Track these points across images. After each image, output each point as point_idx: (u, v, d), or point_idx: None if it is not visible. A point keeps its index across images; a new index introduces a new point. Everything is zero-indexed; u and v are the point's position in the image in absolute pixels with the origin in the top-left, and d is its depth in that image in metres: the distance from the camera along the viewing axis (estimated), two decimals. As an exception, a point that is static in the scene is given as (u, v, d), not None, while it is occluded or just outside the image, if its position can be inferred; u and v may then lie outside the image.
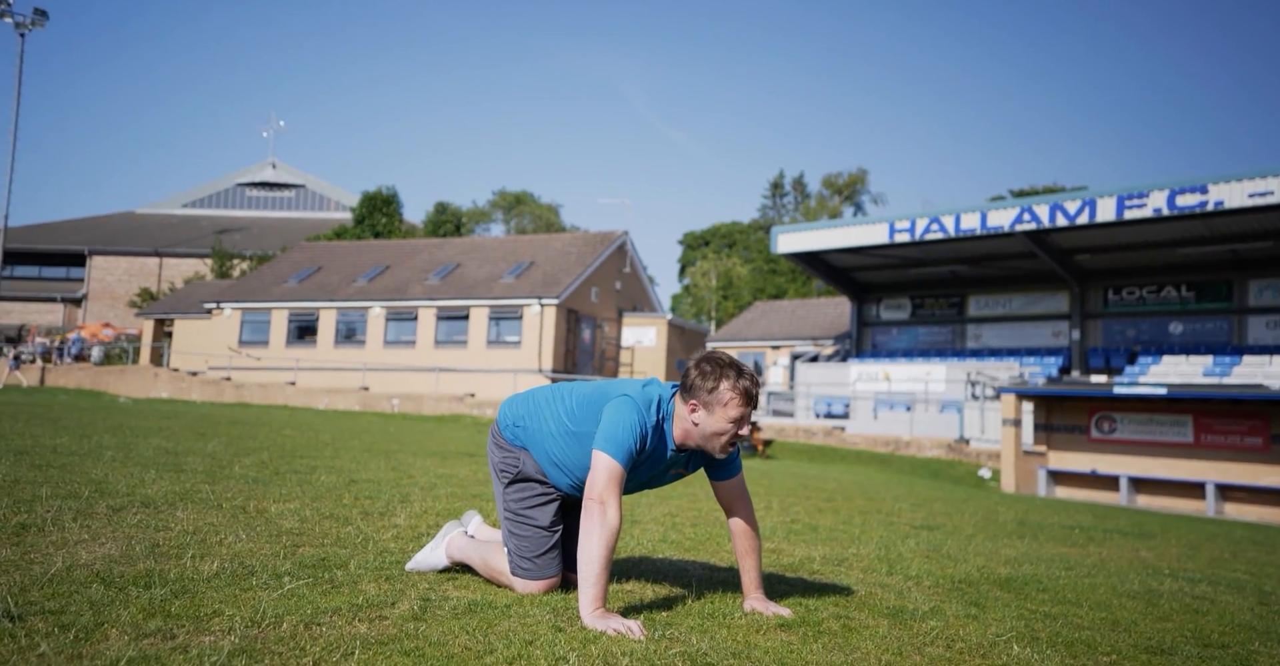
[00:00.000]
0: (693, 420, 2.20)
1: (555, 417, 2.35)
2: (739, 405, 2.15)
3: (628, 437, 2.14)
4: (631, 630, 1.88)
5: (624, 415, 2.17)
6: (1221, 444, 13.04)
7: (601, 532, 2.04)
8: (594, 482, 2.12)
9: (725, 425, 2.17)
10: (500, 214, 57.74)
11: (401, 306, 24.78)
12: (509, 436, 2.43)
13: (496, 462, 2.46)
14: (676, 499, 5.10)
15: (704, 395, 2.16)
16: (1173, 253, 19.79)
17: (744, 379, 2.17)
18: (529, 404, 2.44)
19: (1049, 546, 4.51)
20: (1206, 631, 2.47)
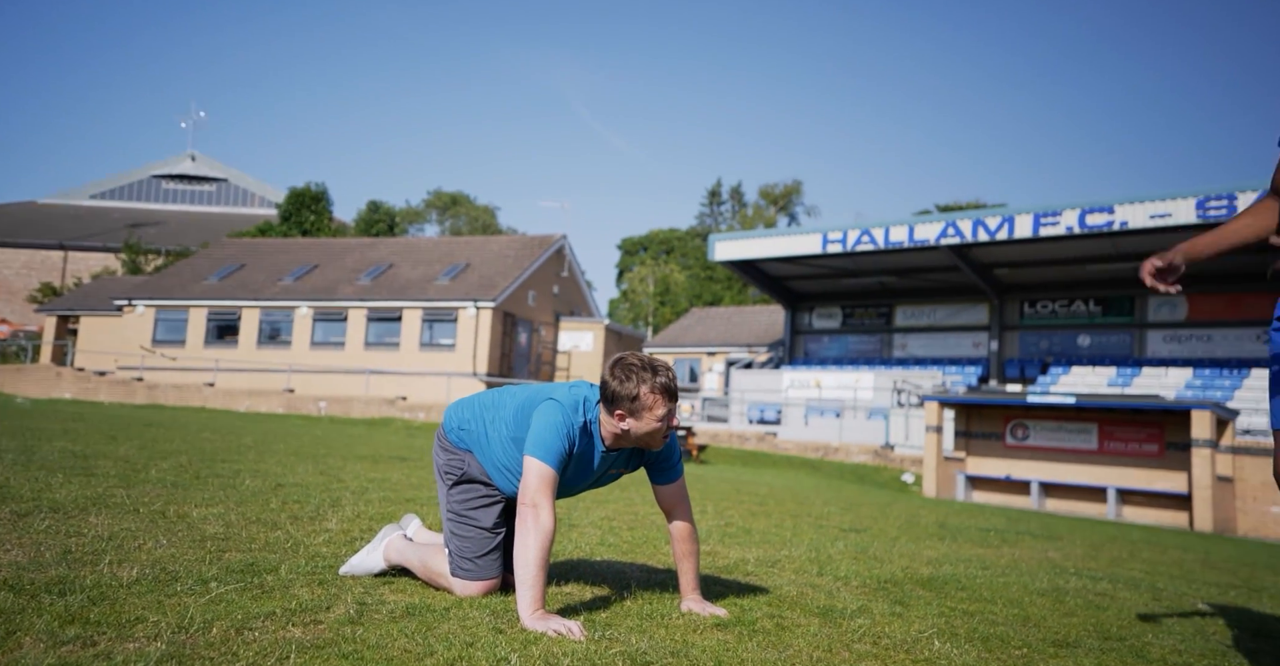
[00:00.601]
0: (623, 427, 2.25)
1: (496, 422, 2.37)
2: (661, 403, 2.21)
3: (555, 440, 2.18)
4: (572, 631, 1.91)
5: (549, 418, 2.21)
6: (1122, 451, 13.83)
7: (537, 535, 2.07)
8: (526, 487, 2.14)
9: (655, 425, 2.23)
10: (435, 214, 56.77)
11: (330, 307, 24.10)
12: (454, 439, 2.45)
13: (441, 465, 2.46)
14: (613, 502, 5.13)
15: (627, 403, 2.20)
16: (1082, 269, 20.92)
17: (660, 377, 2.21)
18: (473, 408, 2.46)
19: (967, 548, 4.72)
20: (1107, 625, 2.64)
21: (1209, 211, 16.66)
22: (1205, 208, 16.72)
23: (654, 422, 2.22)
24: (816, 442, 17.45)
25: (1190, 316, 20.52)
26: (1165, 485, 13.19)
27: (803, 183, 55.32)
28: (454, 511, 2.37)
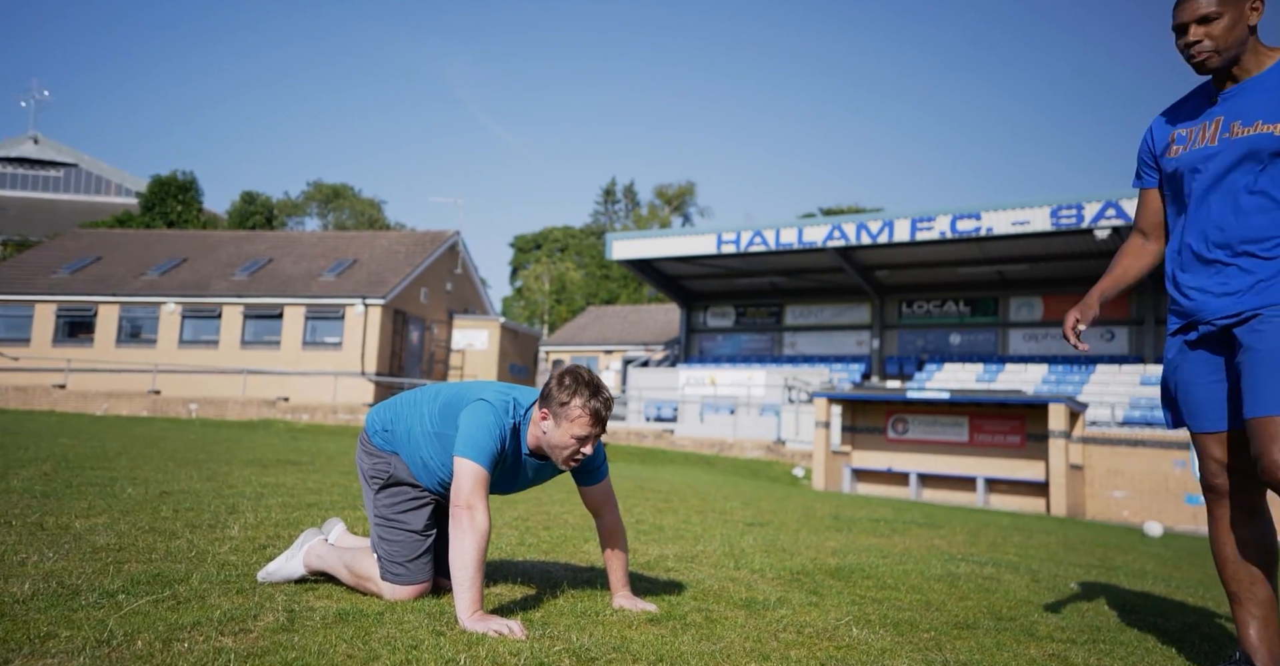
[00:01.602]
0: (542, 428, 2.27)
1: (420, 419, 2.34)
2: (586, 424, 2.21)
3: (487, 441, 2.17)
4: (513, 630, 1.91)
5: (482, 418, 2.20)
6: (989, 442, 14.95)
7: (472, 537, 2.06)
8: (459, 489, 2.13)
9: (568, 440, 2.22)
10: (316, 207, 54.08)
11: (201, 303, 22.57)
12: (379, 442, 2.40)
13: (366, 469, 2.40)
14: (524, 503, 5.11)
15: (556, 406, 2.21)
16: (953, 271, 22.44)
17: (597, 400, 2.22)
18: (395, 409, 2.42)
19: (862, 538, 4.99)
20: (998, 607, 2.88)
21: (1061, 220, 18.25)
22: (1058, 216, 18.30)
23: (568, 437, 2.22)
24: (712, 439, 17.89)
25: (1045, 317, 22.40)
26: (1026, 474, 14.35)
27: (696, 184, 56.51)
28: (383, 516, 2.32)
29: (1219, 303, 2.03)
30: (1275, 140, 1.96)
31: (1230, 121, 2.03)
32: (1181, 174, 2.11)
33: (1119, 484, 14.75)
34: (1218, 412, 2.06)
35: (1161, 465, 14.55)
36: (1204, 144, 2.07)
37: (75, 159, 42.47)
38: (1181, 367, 2.12)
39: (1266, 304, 1.95)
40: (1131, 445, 14.84)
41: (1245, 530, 2.07)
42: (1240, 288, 1.99)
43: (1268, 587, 2.06)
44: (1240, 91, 2.04)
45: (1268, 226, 1.97)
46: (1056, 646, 2.32)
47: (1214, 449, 2.07)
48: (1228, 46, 2.00)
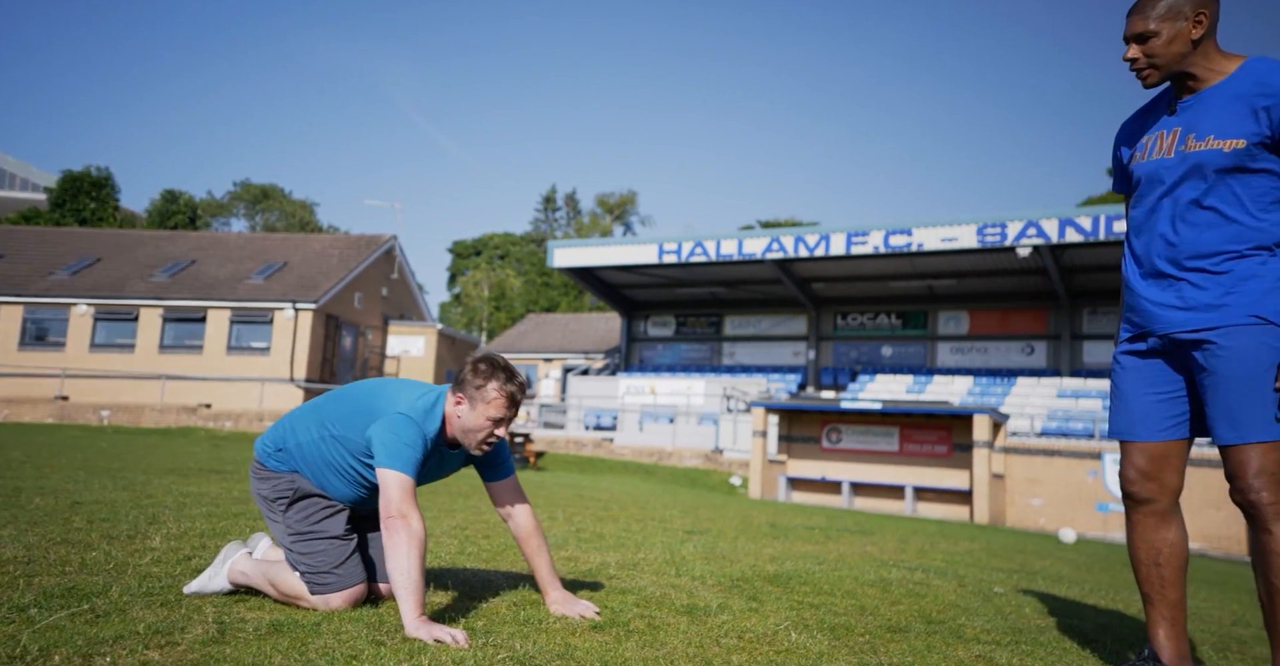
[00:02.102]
0: (456, 413, 2.29)
1: (319, 426, 2.31)
2: (501, 407, 2.24)
3: (409, 452, 2.17)
4: (456, 638, 1.89)
5: (403, 431, 2.19)
6: (918, 452, 15.43)
7: (409, 543, 2.05)
8: (389, 500, 2.12)
9: (483, 422, 2.25)
10: (243, 208, 52.26)
11: (116, 305, 21.50)
12: (274, 465, 2.35)
13: (268, 493, 2.33)
14: (461, 511, 5.03)
15: (471, 390, 2.24)
16: (886, 285, 23.14)
17: (512, 384, 2.26)
18: (285, 426, 2.38)
19: (798, 545, 5.08)
20: (928, 611, 2.97)
21: (987, 237, 19.04)
22: (984, 234, 19.08)
23: (483, 420, 2.25)
24: (651, 448, 17.94)
25: (971, 330, 23.29)
26: (952, 482, 14.85)
27: (638, 193, 56.83)
28: (297, 532, 2.26)
29: (1174, 316, 2.03)
30: (1224, 157, 1.96)
31: (1186, 134, 2.03)
32: (1140, 182, 2.12)
33: (1037, 492, 15.40)
34: (1151, 424, 2.09)
35: (1075, 474, 15.25)
36: (1161, 155, 2.08)
37: (-23, 150, 39.99)
38: (1125, 376, 2.15)
39: (1224, 323, 1.95)
40: (1048, 455, 15.51)
41: (1158, 535, 2.14)
42: (1195, 304, 1.99)
43: (1178, 590, 2.14)
44: (1196, 102, 2.04)
45: (1217, 242, 1.97)
46: (983, 647, 2.41)
47: (1138, 458, 2.12)
48: (1167, 63, 2.01)
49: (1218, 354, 1.94)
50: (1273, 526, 1.90)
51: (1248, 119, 1.95)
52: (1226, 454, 1.95)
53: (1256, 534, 1.94)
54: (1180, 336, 2.02)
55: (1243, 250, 1.97)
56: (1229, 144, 1.96)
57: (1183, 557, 2.15)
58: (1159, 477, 2.10)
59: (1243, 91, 1.98)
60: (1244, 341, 1.92)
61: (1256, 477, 1.89)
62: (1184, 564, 2.15)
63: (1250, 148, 1.95)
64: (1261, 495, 1.89)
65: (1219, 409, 1.94)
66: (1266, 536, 1.91)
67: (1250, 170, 1.96)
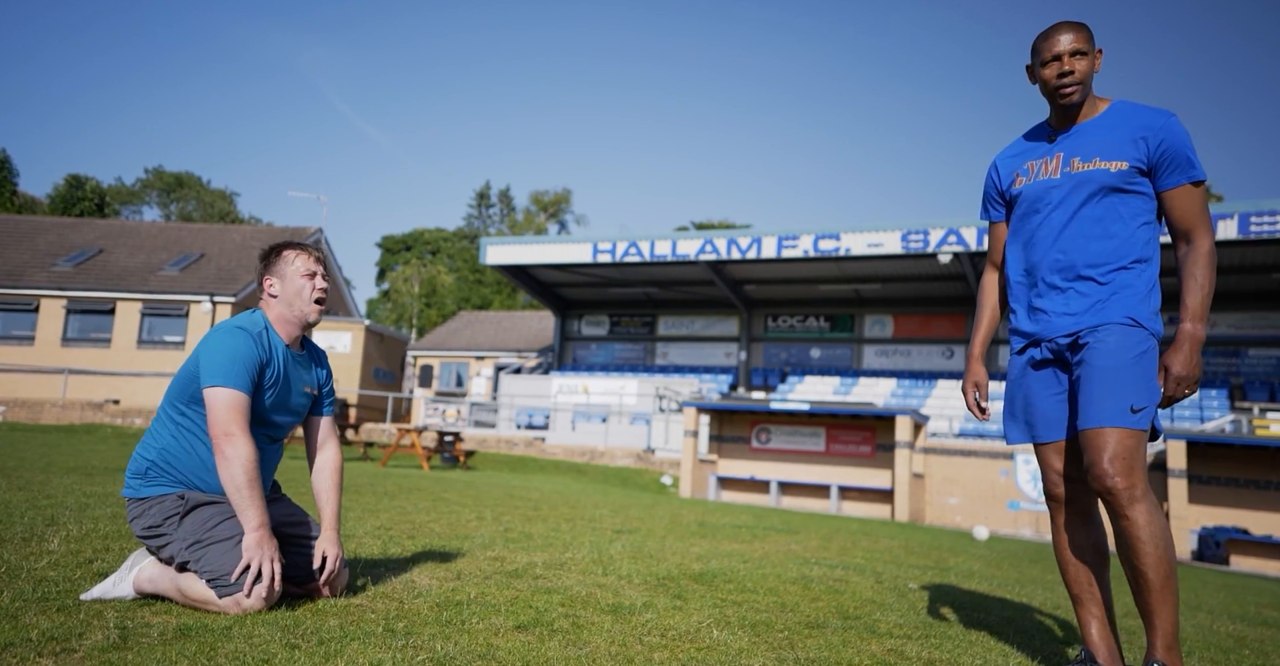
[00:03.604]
0: (271, 294, 2.35)
1: (169, 418, 2.28)
2: (304, 260, 2.39)
3: (235, 361, 2.17)
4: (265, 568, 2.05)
5: (220, 342, 2.20)
6: (843, 452, 15.86)
7: (235, 462, 2.11)
8: (213, 419, 2.13)
9: (301, 281, 2.34)
10: (156, 196, 49.84)
11: (14, 295, 20.25)
12: (150, 491, 2.26)
13: (155, 519, 2.23)
14: (386, 512, 4.93)
15: (274, 267, 2.36)
16: (815, 288, 23.70)
17: (302, 245, 2.41)
18: (141, 448, 2.32)
19: (725, 544, 5.17)
20: (845, 607, 3.08)
21: (910, 244, 19.71)
22: (908, 240, 19.76)
23: (299, 279, 2.34)
24: (583, 447, 17.91)
25: (895, 334, 24.08)
26: (875, 482, 15.33)
27: (572, 191, 56.63)
28: (196, 541, 2.17)
29: (1060, 322, 2.18)
30: (1110, 176, 2.14)
31: (1070, 157, 2.20)
32: (1027, 202, 2.28)
33: (953, 491, 16.03)
34: (1057, 425, 2.22)
35: (989, 474, 15.94)
36: (1047, 176, 2.24)
37: None
38: (1024, 383, 2.28)
39: (1100, 322, 2.12)
40: (965, 455, 16.17)
41: (1081, 534, 2.22)
42: (1079, 309, 2.15)
43: (1105, 589, 2.22)
44: (1078, 132, 2.22)
45: (1104, 253, 2.15)
46: (895, 642, 2.51)
47: (1054, 459, 2.23)
48: (1086, 86, 2.19)
49: (1093, 346, 2.10)
50: (1128, 511, 1.97)
51: (1129, 145, 2.15)
52: (1084, 439, 2.07)
53: (1116, 520, 2.03)
54: (1065, 339, 2.18)
55: (1125, 263, 2.15)
56: (1115, 165, 2.15)
57: (1106, 555, 2.24)
58: (1076, 476, 2.21)
59: (1119, 124, 2.18)
60: (1115, 338, 2.09)
61: (1110, 463, 1.98)
62: (1107, 561, 2.24)
63: (1131, 170, 2.14)
64: (1116, 481, 1.97)
65: (1084, 397, 2.07)
66: (1125, 522, 1.98)
67: (1128, 191, 2.16)
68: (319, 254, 2.41)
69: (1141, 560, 1.98)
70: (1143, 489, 2.00)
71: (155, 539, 2.23)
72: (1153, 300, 2.15)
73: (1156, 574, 1.98)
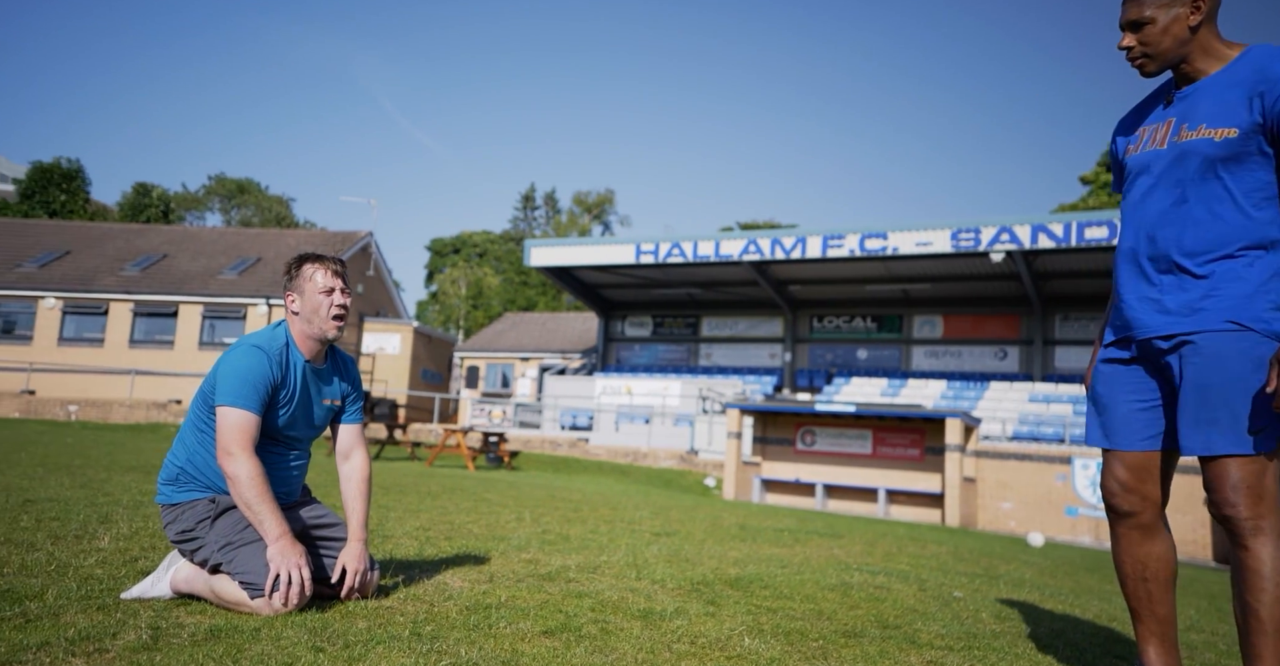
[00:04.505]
0: (293, 310, 2.36)
1: (194, 428, 2.32)
2: (324, 276, 2.36)
3: (246, 382, 2.21)
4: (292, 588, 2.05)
5: (236, 362, 2.23)
6: (891, 455, 15.55)
7: (237, 479, 2.16)
8: (219, 439, 2.18)
9: (319, 297, 2.34)
10: (219, 202, 51.54)
11: (85, 299, 21.14)
12: (182, 497, 2.31)
13: (188, 523, 2.27)
14: (427, 512, 4.98)
15: (294, 283, 2.37)
16: (861, 288, 23.30)
17: (324, 259, 2.40)
18: (171, 455, 2.38)
19: (765, 548, 5.09)
20: (885, 615, 2.98)
21: (961, 242, 19.24)
22: (958, 239, 19.28)
23: (317, 295, 2.34)
24: (627, 448, 17.92)
25: (945, 335, 23.53)
26: (924, 485, 14.98)
27: (615, 192, 56.81)
28: (228, 543, 2.21)
29: (1151, 321, 1.92)
30: (1214, 146, 1.83)
31: (1180, 124, 1.91)
32: (1132, 175, 2.01)
33: (1007, 496, 15.58)
34: (1130, 433, 2.00)
35: (1045, 478, 15.45)
36: (1154, 147, 1.96)
37: (-56, 138, 39.06)
38: (1105, 382, 2.06)
39: (1198, 328, 1.84)
40: (1019, 459, 15.70)
41: (1145, 549, 2.03)
42: (1174, 308, 1.88)
43: (1167, 606, 2.04)
44: (1193, 92, 1.92)
45: (1204, 239, 1.86)
46: (935, 653, 2.42)
47: (1119, 468, 2.02)
48: (1162, 51, 1.91)
49: (1193, 359, 1.83)
50: (1249, 542, 1.81)
51: (1242, 107, 1.83)
52: (1203, 465, 1.87)
53: (1234, 549, 1.85)
54: (1156, 342, 1.92)
55: (1231, 250, 1.85)
56: (1220, 133, 1.84)
57: (1170, 572, 2.05)
58: (1140, 489, 2.01)
59: (1241, 79, 1.85)
60: (1218, 348, 1.81)
61: (1233, 491, 1.81)
62: (1172, 578, 2.06)
63: (1244, 137, 1.82)
64: (1238, 509, 1.81)
65: (1191, 419, 1.84)
66: (1243, 552, 1.82)
67: (1243, 162, 1.83)
68: (339, 267, 2.40)
69: (1257, 597, 1.79)
70: (1272, 521, 1.80)
71: (188, 543, 2.27)
72: (1272, 293, 1.81)
73: (1272, 615, 1.77)
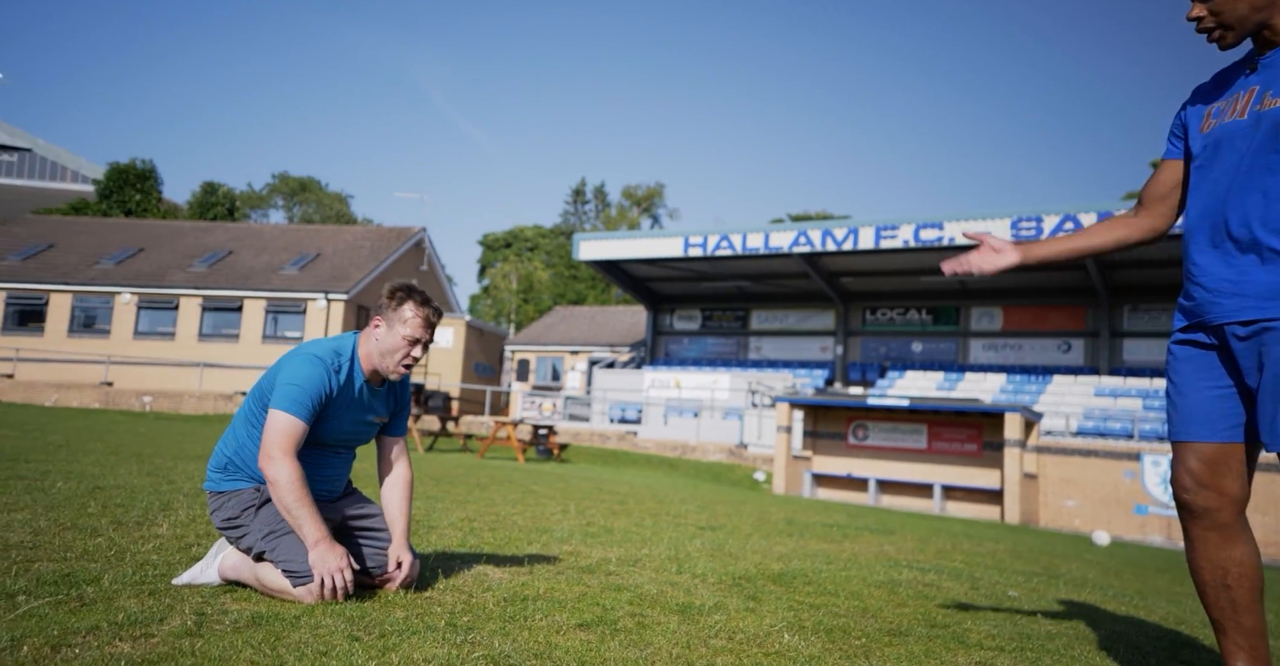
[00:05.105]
0: (375, 336, 2.37)
1: (246, 420, 2.37)
2: (417, 326, 2.33)
3: (303, 391, 2.24)
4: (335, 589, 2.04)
5: (298, 370, 2.26)
6: (947, 450, 15.17)
7: (277, 483, 2.17)
8: (264, 441, 2.20)
9: (400, 342, 2.33)
10: (281, 200, 53.22)
11: (158, 294, 22.07)
12: (229, 486, 2.37)
13: (233, 511, 2.33)
14: (474, 503, 5.04)
15: (389, 312, 2.35)
16: (916, 280, 22.76)
17: (427, 307, 2.37)
18: (222, 444, 2.43)
19: (812, 543, 5.01)
20: (934, 614, 2.89)
21: (1020, 231, 18.60)
22: (1018, 227, 18.65)
23: (399, 339, 2.34)
24: (675, 442, 17.89)
25: (1005, 327, 22.82)
26: (982, 481, 14.58)
27: (665, 185, 56.69)
28: (271, 531, 2.26)
29: (1226, 304, 1.78)
30: None
31: (1263, 92, 1.77)
32: (1211, 147, 1.86)
33: (1071, 493, 15.06)
34: (1206, 423, 1.84)
35: (1112, 475, 14.88)
36: (1234, 117, 1.83)
37: (29, 143, 41.17)
38: (1179, 369, 1.91)
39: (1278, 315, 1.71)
40: (1084, 455, 15.15)
41: (1224, 553, 1.82)
42: (1251, 291, 1.74)
43: (1255, 616, 1.81)
44: (1277, 57, 1.79)
45: None
46: (985, 653, 2.33)
47: (1192, 461, 1.85)
48: (1238, 18, 1.78)
49: (1274, 349, 1.69)
50: None
51: None
52: None
53: None
54: (1234, 328, 1.78)
55: None
56: None
57: (1255, 578, 1.84)
58: (1217, 485, 1.82)
59: None
60: None
61: None
62: (1258, 585, 1.84)
63: None
64: None
65: (1272, 412, 1.69)
66: None
67: None
68: (435, 319, 2.38)
69: None
70: None
71: (233, 530, 2.33)
72: None
73: None
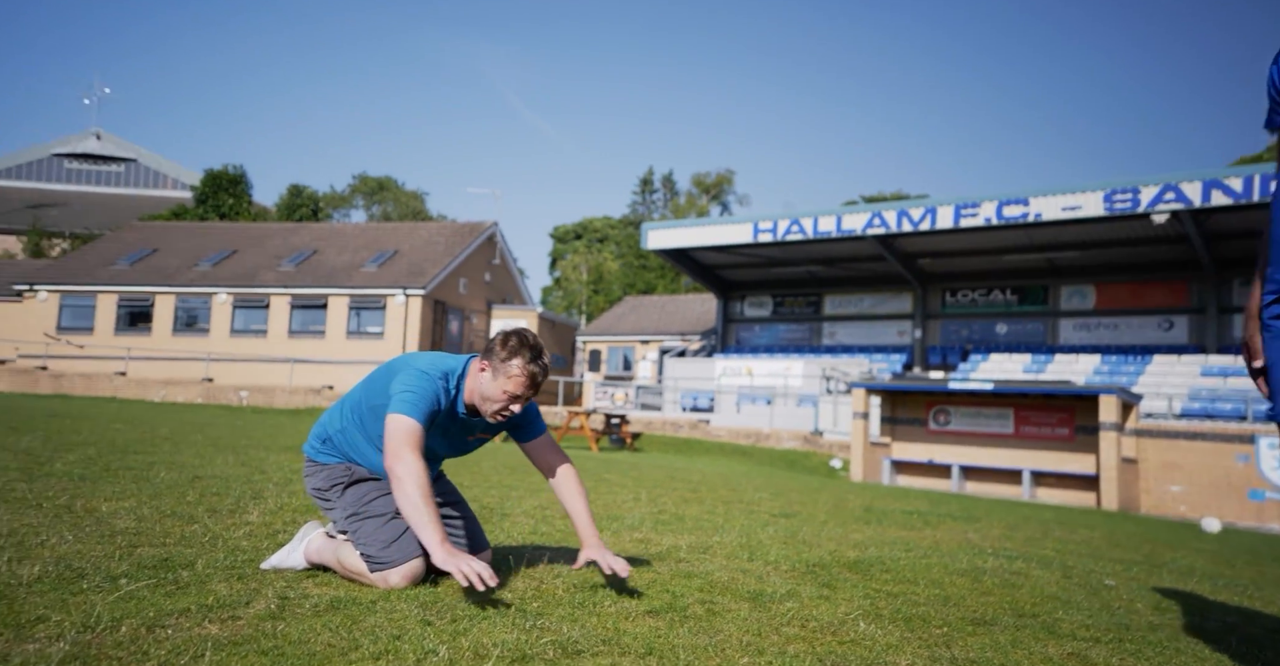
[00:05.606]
0: (479, 380, 2.36)
1: (354, 407, 2.43)
2: (521, 384, 2.31)
3: (420, 401, 2.26)
4: (481, 576, 1.97)
5: (415, 380, 2.29)
6: (1036, 434, 14.53)
7: (407, 480, 2.14)
8: (388, 442, 2.22)
9: (500, 394, 2.31)
10: (361, 199, 55.10)
11: (251, 293, 23.20)
12: (324, 458, 2.47)
13: (322, 484, 2.44)
14: (547, 492, 5.11)
15: (497, 362, 2.32)
16: (999, 259, 21.81)
17: (535, 364, 2.32)
18: (326, 419, 2.51)
19: (891, 530, 4.87)
20: (1021, 603, 2.76)
21: (1115, 204, 17.57)
22: (1112, 200, 17.62)
23: (500, 392, 2.31)
24: (748, 429, 17.74)
25: (1098, 305, 21.66)
26: (1075, 467, 13.91)
27: (735, 172, 56.01)
28: (354, 513, 2.34)
29: None
30: None
31: None
32: None
33: (1176, 478, 14.22)
34: None
35: (1223, 459, 13.97)
36: None
37: (134, 154, 43.89)
38: (1274, 344, 1.83)
39: None
40: (1190, 438, 14.27)
41: None
42: None
43: None
44: None
45: None
46: (1077, 644, 2.21)
47: None
48: None
49: None
50: None
51: None
52: None
53: None
54: None
55: None
56: None
57: None
58: None
59: None
60: None
61: None
62: None
63: None
64: None
65: None
66: None
67: None
68: (542, 378, 2.34)
69: None
70: None
71: (322, 501, 2.46)
72: None
73: None
